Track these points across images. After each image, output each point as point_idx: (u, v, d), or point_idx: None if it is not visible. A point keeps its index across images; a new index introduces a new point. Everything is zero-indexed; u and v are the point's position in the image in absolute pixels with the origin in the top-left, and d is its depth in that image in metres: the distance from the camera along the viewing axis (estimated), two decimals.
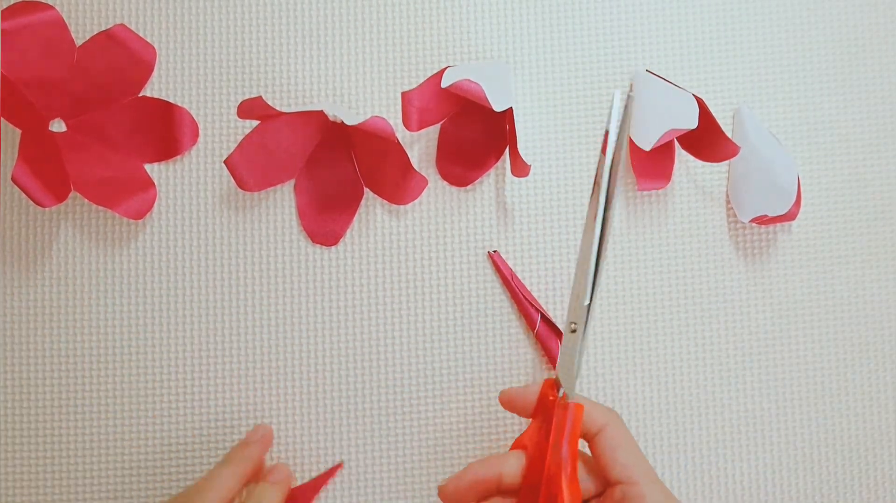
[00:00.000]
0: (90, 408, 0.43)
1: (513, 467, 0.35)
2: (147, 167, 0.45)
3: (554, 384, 0.36)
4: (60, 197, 0.41)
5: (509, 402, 0.37)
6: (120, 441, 0.43)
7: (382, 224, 0.45)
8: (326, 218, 0.45)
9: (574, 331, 0.35)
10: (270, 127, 0.43)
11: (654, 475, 0.35)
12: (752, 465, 0.45)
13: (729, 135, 0.45)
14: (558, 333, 0.44)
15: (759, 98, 0.47)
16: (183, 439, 0.43)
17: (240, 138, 0.44)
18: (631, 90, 0.34)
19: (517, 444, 0.36)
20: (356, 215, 0.45)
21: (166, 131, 0.44)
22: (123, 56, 0.44)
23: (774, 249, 0.46)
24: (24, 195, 0.43)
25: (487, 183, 0.46)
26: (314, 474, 0.43)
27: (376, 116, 0.40)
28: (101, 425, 0.43)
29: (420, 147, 0.46)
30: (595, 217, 0.35)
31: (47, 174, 0.41)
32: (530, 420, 0.36)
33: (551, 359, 0.44)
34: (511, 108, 0.41)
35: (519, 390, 0.37)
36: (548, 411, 0.35)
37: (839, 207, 0.46)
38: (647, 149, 0.42)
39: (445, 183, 0.45)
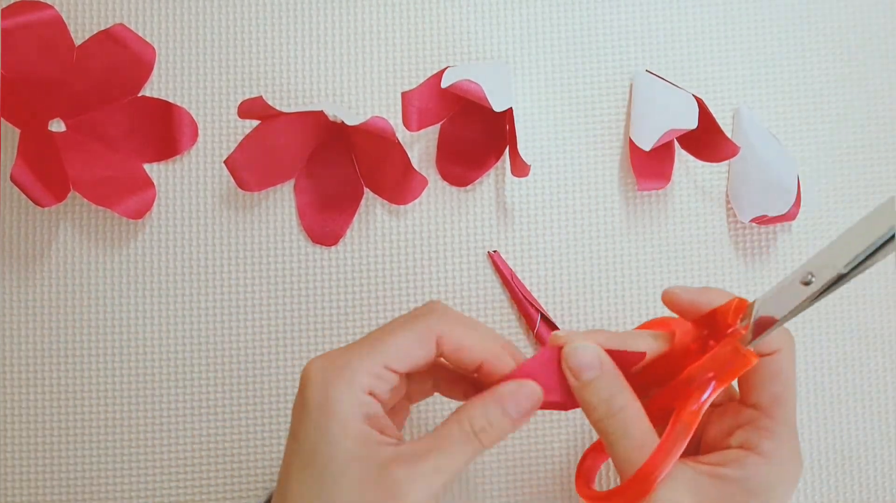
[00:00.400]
0: (90, 408, 0.43)
1: (650, 350, 0.32)
2: (146, 167, 0.45)
3: (740, 309, 0.31)
4: (60, 196, 0.41)
5: (675, 298, 0.33)
6: (120, 440, 0.43)
7: (382, 224, 0.45)
8: (326, 218, 0.45)
9: (808, 283, 0.29)
10: (270, 127, 0.43)
11: (793, 423, 0.31)
12: None
13: (729, 135, 0.46)
14: None
15: (759, 98, 0.47)
16: (182, 439, 0.43)
17: (240, 138, 0.44)
18: None
19: (654, 325, 0.34)
20: (356, 215, 0.45)
21: (166, 131, 0.44)
22: (123, 56, 0.44)
23: (774, 249, 0.46)
24: (23, 195, 0.43)
25: (487, 183, 0.46)
26: None
27: (376, 116, 0.40)
28: (102, 425, 0.43)
29: (420, 147, 0.46)
30: None
31: (46, 174, 0.41)
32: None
33: None
34: (511, 108, 0.41)
35: (694, 292, 0.33)
36: (717, 329, 0.31)
37: (839, 207, 0.46)
38: (647, 149, 0.42)
39: (445, 183, 0.45)
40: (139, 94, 0.45)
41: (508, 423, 0.31)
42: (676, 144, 0.45)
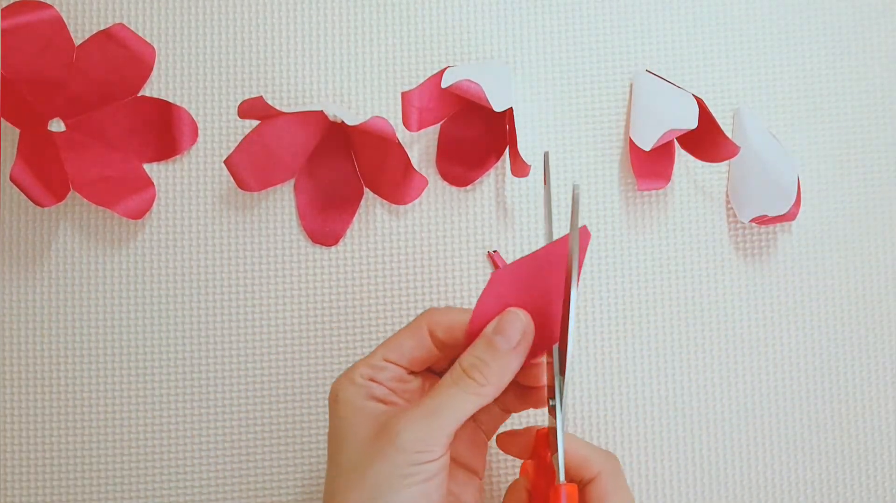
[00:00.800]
0: (90, 407, 0.43)
1: None
2: (146, 167, 0.45)
3: (547, 438, 0.34)
4: (59, 196, 0.41)
5: (505, 445, 0.37)
6: (119, 440, 0.43)
7: (382, 224, 0.45)
8: (326, 218, 0.45)
9: (553, 406, 0.33)
10: (270, 127, 0.43)
11: None
12: (751, 465, 0.45)
13: (729, 135, 0.46)
14: None
15: (759, 98, 0.47)
16: (182, 438, 0.43)
17: (240, 138, 0.44)
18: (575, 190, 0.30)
19: (523, 470, 0.36)
20: (356, 215, 0.45)
21: (165, 131, 0.44)
22: (122, 55, 0.44)
23: (774, 249, 0.46)
24: (23, 195, 0.43)
25: (487, 183, 0.46)
26: (312, 476, 0.43)
27: (376, 116, 0.40)
28: (101, 425, 0.43)
29: (420, 147, 0.46)
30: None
31: (46, 174, 0.41)
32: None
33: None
34: (511, 108, 0.41)
35: (513, 434, 0.36)
36: (542, 459, 0.34)
37: (839, 207, 0.46)
38: (647, 149, 0.42)
39: (445, 183, 0.45)
40: (139, 94, 0.45)
41: (501, 356, 0.31)
42: (676, 144, 0.45)
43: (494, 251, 0.45)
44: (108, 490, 0.43)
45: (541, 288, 0.32)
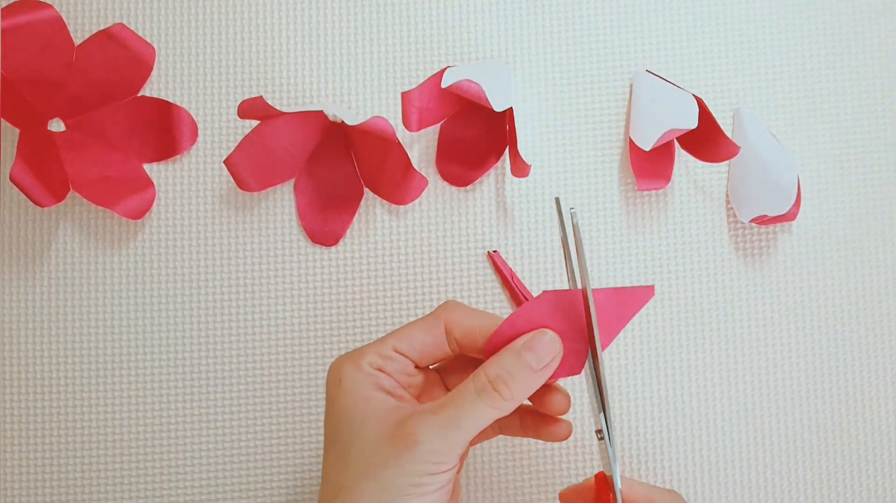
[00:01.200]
0: (90, 407, 0.43)
1: None
2: (146, 167, 0.45)
3: (606, 481, 0.34)
4: (59, 196, 0.41)
5: (570, 501, 0.36)
6: (119, 440, 0.43)
7: (382, 224, 0.45)
8: (326, 218, 0.45)
9: (602, 438, 0.33)
10: (270, 127, 0.43)
11: None
12: (751, 465, 0.45)
13: (729, 135, 0.46)
14: None
15: (759, 98, 0.47)
16: (182, 439, 0.43)
17: (240, 138, 0.44)
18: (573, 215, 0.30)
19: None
20: (356, 215, 0.45)
21: (165, 131, 0.44)
22: (122, 55, 0.44)
23: (774, 249, 0.46)
24: (23, 195, 0.43)
25: (487, 183, 0.46)
26: (312, 476, 0.43)
27: (376, 116, 0.40)
28: (101, 425, 0.43)
29: (420, 147, 0.46)
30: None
31: (46, 174, 0.41)
32: None
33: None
34: (511, 108, 0.41)
35: (576, 489, 0.36)
36: None
37: (839, 207, 0.46)
38: (647, 149, 0.42)
39: (445, 183, 0.45)
40: (139, 94, 0.45)
41: (529, 373, 0.30)
42: (676, 144, 0.45)
43: (494, 251, 0.45)
44: (108, 490, 0.43)
45: (576, 324, 0.32)
